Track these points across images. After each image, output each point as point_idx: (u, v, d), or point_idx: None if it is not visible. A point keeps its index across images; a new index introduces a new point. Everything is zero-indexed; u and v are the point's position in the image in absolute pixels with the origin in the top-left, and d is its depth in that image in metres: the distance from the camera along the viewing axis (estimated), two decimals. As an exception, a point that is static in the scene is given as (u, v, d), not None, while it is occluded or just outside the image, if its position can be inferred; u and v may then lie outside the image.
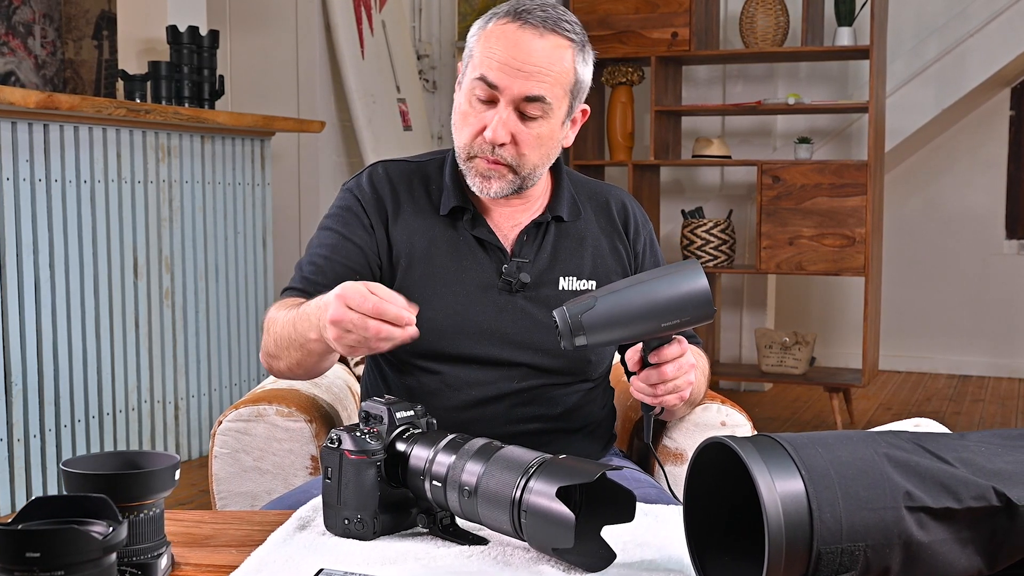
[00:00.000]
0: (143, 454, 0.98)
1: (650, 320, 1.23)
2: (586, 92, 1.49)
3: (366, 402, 1.19)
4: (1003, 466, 0.96)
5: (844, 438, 0.95)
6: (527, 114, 1.41)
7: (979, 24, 5.04)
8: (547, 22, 1.41)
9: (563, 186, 1.56)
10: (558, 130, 1.46)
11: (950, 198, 5.67)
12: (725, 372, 4.92)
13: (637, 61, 4.79)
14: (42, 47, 5.80)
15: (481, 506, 1.06)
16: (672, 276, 1.24)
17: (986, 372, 5.64)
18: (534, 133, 1.43)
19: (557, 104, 1.43)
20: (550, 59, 1.40)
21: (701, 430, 1.58)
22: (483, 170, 1.45)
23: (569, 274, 1.51)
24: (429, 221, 1.52)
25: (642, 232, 1.60)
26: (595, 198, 1.59)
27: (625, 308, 1.23)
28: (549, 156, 1.48)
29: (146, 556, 0.93)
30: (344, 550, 1.10)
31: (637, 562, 1.06)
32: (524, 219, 1.53)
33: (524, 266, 1.49)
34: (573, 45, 1.43)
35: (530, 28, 1.40)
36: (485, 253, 1.50)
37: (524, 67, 1.39)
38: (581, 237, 1.54)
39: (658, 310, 1.23)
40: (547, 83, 1.40)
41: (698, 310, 1.23)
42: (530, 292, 1.49)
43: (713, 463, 0.98)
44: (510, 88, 1.40)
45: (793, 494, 0.89)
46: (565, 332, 1.22)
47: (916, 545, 0.91)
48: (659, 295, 1.23)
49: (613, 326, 1.23)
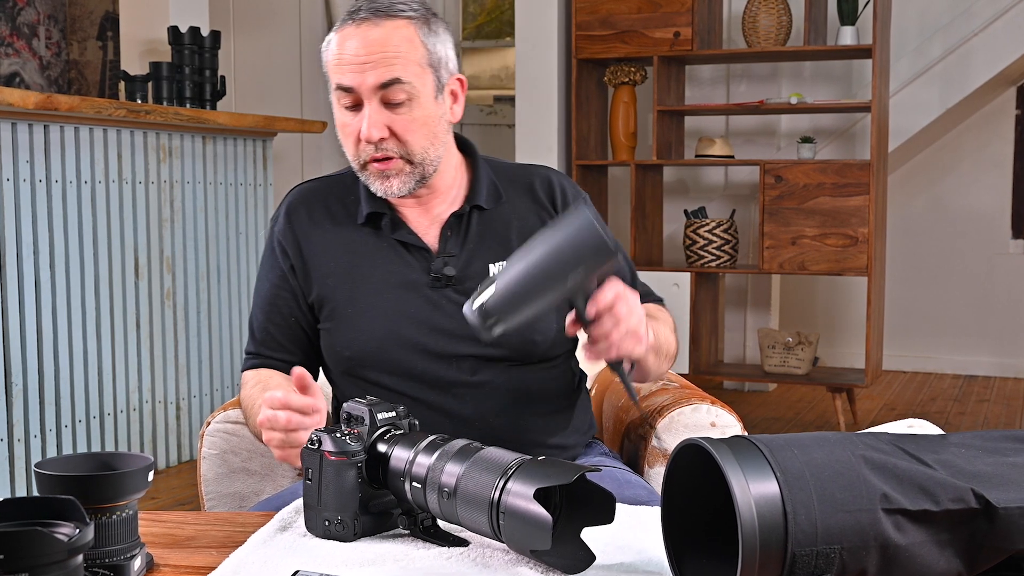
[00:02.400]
0: (118, 455, 0.97)
1: (552, 279, 1.18)
2: (451, 62, 1.48)
3: (348, 403, 1.19)
4: (983, 468, 0.96)
5: (821, 440, 0.94)
6: (392, 101, 1.42)
7: (984, 23, 5.02)
8: (378, 12, 1.42)
9: (480, 175, 1.55)
10: (433, 107, 1.45)
11: (956, 197, 5.65)
12: (729, 372, 4.91)
13: (639, 61, 4.78)
14: (47, 48, 5.82)
15: (460, 507, 1.06)
16: (557, 226, 1.19)
17: (992, 372, 5.61)
18: (407, 118, 1.43)
19: (418, 81, 1.43)
20: (391, 42, 1.41)
21: (691, 431, 1.58)
22: (379, 172, 1.45)
23: (499, 259, 1.49)
24: (349, 234, 1.52)
25: (571, 201, 1.57)
26: (518, 181, 1.57)
27: (522, 277, 1.17)
28: (436, 135, 1.46)
29: (118, 558, 0.93)
30: (323, 551, 1.09)
31: (616, 564, 1.06)
32: (443, 214, 1.52)
33: (451, 260, 1.49)
34: (413, 22, 1.44)
35: (365, 23, 1.42)
36: (410, 255, 1.50)
37: (369, 59, 1.41)
38: (506, 221, 1.53)
39: (554, 264, 1.17)
40: (397, 64, 1.41)
41: (595, 250, 1.17)
42: (461, 284, 1.48)
43: (691, 465, 0.97)
44: (364, 82, 1.41)
45: (768, 496, 0.88)
46: (477, 326, 1.19)
47: (893, 547, 0.90)
48: (549, 249, 1.17)
49: (520, 300, 1.17)
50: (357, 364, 1.49)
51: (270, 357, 1.54)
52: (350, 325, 1.49)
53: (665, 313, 1.57)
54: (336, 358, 1.51)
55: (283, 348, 1.53)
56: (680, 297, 4.60)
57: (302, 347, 1.54)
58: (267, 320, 1.54)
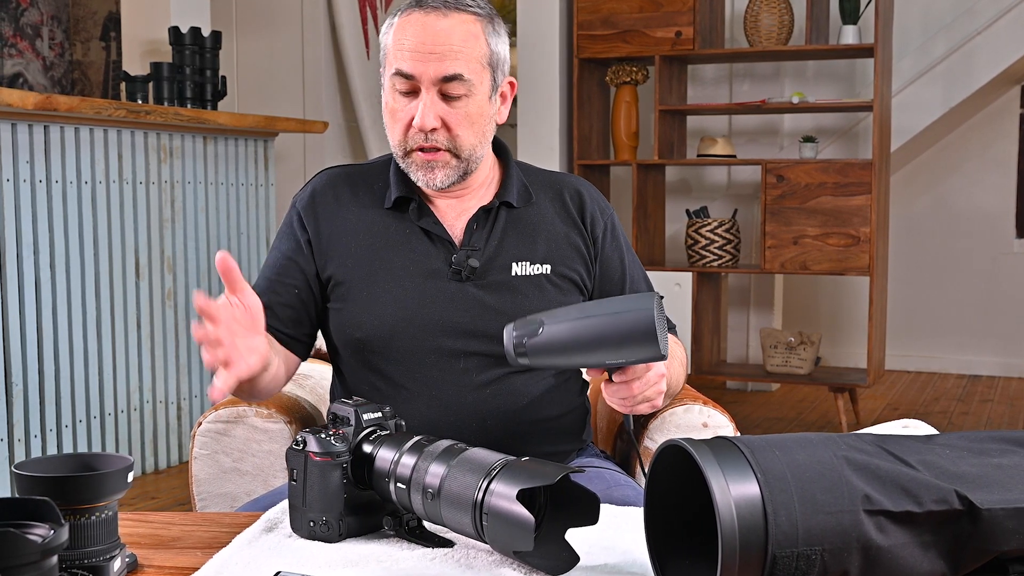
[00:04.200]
0: (98, 456, 0.97)
1: (593, 356, 1.20)
2: (507, 64, 1.48)
3: (334, 404, 1.19)
4: (967, 469, 0.95)
5: (804, 441, 0.94)
6: (450, 95, 1.42)
7: (987, 22, 5.00)
8: (448, 3, 1.42)
9: (512, 174, 1.54)
10: (486, 106, 1.45)
11: (959, 197, 5.63)
12: (732, 372, 4.90)
13: (641, 60, 4.77)
14: (50, 49, 5.83)
15: (444, 508, 1.05)
16: (620, 314, 1.19)
17: (996, 372, 5.59)
18: (462, 112, 1.43)
19: (477, 79, 1.43)
20: (459, 36, 1.41)
21: (683, 431, 1.57)
22: (424, 162, 1.45)
23: (522, 259, 1.49)
24: (373, 217, 1.51)
25: (600, 218, 1.57)
26: (549, 187, 1.57)
27: (567, 342, 1.19)
28: (484, 134, 1.47)
29: (98, 559, 0.92)
30: (307, 552, 1.09)
31: (600, 565, 1.05)
32: (472, 207, 1.52)
33: (474, 254, 1.48)
34: (480, 19, 1.43)
35: (433, 11, 1.41)
36: (432, 244, 1.49)
37: (435, 49, 1.40)
38: (533, 223, 1.53)
39: (602, 348, 1.19)
40: (461, 60, 1.41)
41: (644, 352, 1.19)
42: (481, 279, 1.48)
43: (673, 466, 0.97)
44: (426, 72, 1.40)
45: (748, 497, 0.87)
46: (509, 351, 1.22)
47: (875, 549, 0.89)
48: (603, 333, 1.19)
49: (556, 355, 1.20)
50: (364, 347, 1.47)
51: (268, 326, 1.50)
52: (364, 307, 1.47)
53: (678, 345, 1.56)
54: (345, 338, 1.50)
55: (278, 318, 1.50)
56: (682, 297, 4.59)
57: (302, 321, 1.52)
58: (269, 288, 1.51)
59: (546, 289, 1.49)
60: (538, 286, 1.48)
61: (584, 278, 1.53)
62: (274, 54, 5.51)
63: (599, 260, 1.55)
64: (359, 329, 1.47)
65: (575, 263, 1.52)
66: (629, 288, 1.57)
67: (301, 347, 1.53)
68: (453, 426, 1.42)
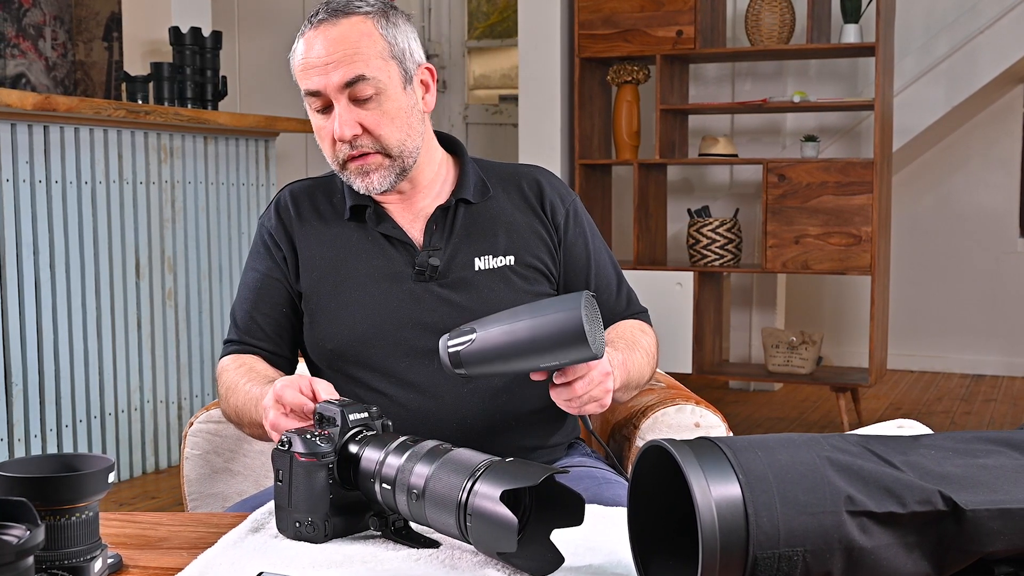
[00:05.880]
0: (80, 457, 0.97)
1: (528, 361, 1.19)
2: (416, 52, 1.48)
3: (320, 404, 1.18)
4: (952, 470, 0.94)
5: (786, 441, 0.93)
6: (360, 97, 1.42)
7: (990, 20, 4.99)
8: (336, 12, 1.43)
9: (467, 171, 1.55)
10: (403, 98, 1.45)
11: (963, 196, 5.62)
12: (734, 372, 4.89)
13: (642, 60, 4.76)
14: (53, 49, 5.84)
15: (428, 509, 1.05)
16: (549, 316, 1.18)
17: (1000, 371, 5.58)
18: (378, 112, 1.43)
19: (384, 75, 1.43)
20: (351, 39, 1.42)
21: (675, 431, 1.57)
22: (358, 169, 1.46)
23: (484, 253, 1.50)
24: (335, 229, 1.53)
25: (561, 205, 1.57)
26: (507, 179, 1.58)
27: (501, 348, 1.19)
28: (410, 126, 1.47)
29: (78, 559, 0.92)
30: (293, 553, 1.09)
31: (585, 566, 1.05)
32: (429, 207, 1.52)
33: (435, 253, 1.49)
34: (369, 16, 1.44)
35: (323, 24, 1.43)
36: (394, 248, 1.50)
37: (331, 59, 1.41)
38: (492, 216, 1.53)
39: (534, 352, 1.18)
40: (359, 61, 1.41)
41: (577, 353, 1.17)
42: (444, 278, 1.48)
43: (657, 466, 0.96)
44: (329, 83, 1.41)
45: (729, 498, 0.87)
46: (445, 363, 1.22)
47: (858, 550, 0.89)
48: (534, 337, 1.18)
49: (491, 362, 1.20)
50: (339, 357, 1.49)
51: (253, 346, 1.53)
52: (332, 318, 1.49)
53: (645, 333, 1.56)
54: (319, 351, 1.51)
55: (266, 337, 1.53)
56: (683, 296, 4.58)
57: (285, 338, 1.54)
58: (253, 308, 1.54)
59: (512, 281, 1.49)
60: (503, 278, 1.49)
61: (550, 266, 1.54)
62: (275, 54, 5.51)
63: (563, 247, 1.56)
64: (331, 340, 1.49)
65: (539, 251, 1.53)
66: (595, 274, 1.57)
67: (287, 364, 1.56)
68: (434, 426, 1.42)
